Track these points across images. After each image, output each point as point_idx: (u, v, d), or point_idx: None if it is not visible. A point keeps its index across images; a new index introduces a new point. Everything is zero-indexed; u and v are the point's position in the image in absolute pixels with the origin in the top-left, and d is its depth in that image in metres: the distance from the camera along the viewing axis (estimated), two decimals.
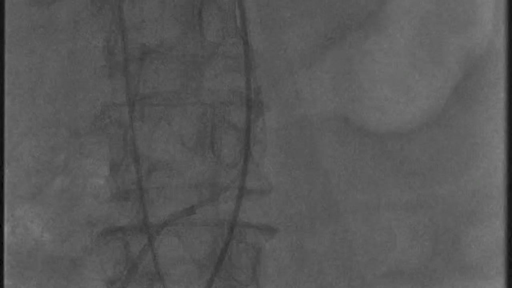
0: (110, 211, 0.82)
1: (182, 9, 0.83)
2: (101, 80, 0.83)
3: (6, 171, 0.82)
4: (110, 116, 0.82)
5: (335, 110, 0.82)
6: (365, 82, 0.82)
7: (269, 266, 0.83)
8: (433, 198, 0.82)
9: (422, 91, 0.82)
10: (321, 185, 0.82)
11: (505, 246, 0.82)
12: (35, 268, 0.82)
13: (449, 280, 0.82)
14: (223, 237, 0.82)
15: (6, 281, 0.82)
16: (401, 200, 0.82)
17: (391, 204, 0.82)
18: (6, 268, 0.82)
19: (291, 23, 0.83)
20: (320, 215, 0.82)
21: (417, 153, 0.82)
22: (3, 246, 0.82)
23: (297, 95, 0.82)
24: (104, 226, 0.82)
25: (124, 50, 0.82)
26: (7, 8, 0.83)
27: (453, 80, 0.82)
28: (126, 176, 0.82)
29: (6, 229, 0.82)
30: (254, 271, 0.82)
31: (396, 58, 0.82)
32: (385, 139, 0.82)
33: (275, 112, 0.83)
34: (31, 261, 0.82)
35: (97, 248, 0.82)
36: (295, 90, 0.83)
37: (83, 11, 0.83)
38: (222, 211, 0.82)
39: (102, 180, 0.82)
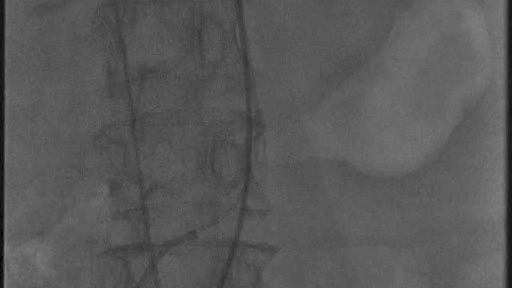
0: (110, 231, 0.82)
1: (182, 29, 0.82)
2: (101, 100, 0.83)
3: (11, 212, 0.82)
4: (111, 136, 0.82)
5: (337, 153, 0.82)
6: (367, 126, 0.82)
7: (269, 286, 0.83)
8: (430, 234, 0.82)
9: (423, 134, 0.82)
10: (322, 206, 0.82)
11: (503, 283, 0.81)
12: None
13: None
14: (224, 257, 0.82)
15: None
16: (399, 235, 0.82)
17: (390, 240, 0.82)
18: None
19: (292, 44, 0.83)
20: (321, 237, 0.82)
21: (416, 192, 0.82)
22: (2, 281, 0.82)
23: (300, 132, 0.82)
24: (104, 246, 0.82)
25: (124, 70, 0.82)
26: (7, 33, 0.83)
27: (454, 122, 0.82)
28: (127, 196, 0.82)
29: (12, 267, 0.82)
30: None
31: (396, 101, 0.82)
32: (386, 181, 0.82)
33: (275, 131, 0.83)
34: None
35: (97, 268, 0.82)
36: (296, 113, 0.83)
37: (83, 32, 0.83)
38: (223, 231, 0.82)
39: (102, 200, 0.82)
